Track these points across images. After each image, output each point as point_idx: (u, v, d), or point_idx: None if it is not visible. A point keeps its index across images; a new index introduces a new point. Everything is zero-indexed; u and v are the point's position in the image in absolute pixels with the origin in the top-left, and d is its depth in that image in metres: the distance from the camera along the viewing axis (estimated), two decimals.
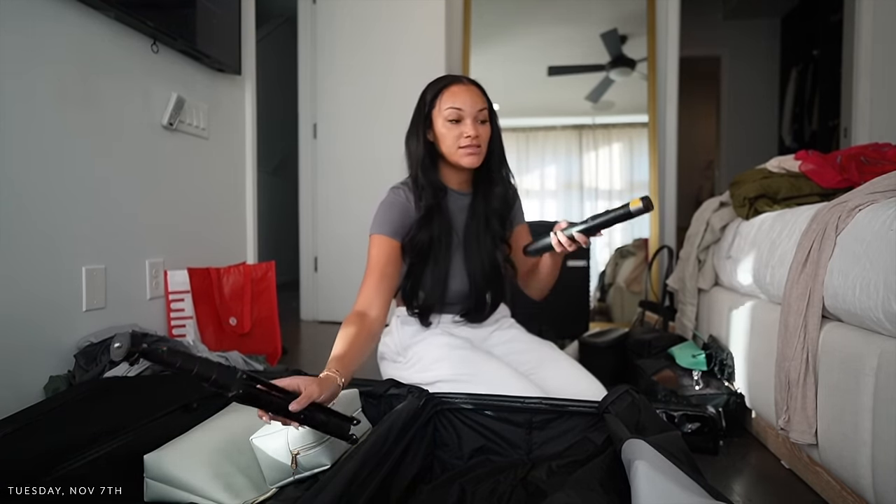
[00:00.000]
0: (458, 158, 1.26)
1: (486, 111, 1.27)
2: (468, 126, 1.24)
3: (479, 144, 1.25)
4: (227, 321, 1.96)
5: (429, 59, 2.97)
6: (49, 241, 1.43)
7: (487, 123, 1.28)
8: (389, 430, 0.90)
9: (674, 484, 0.64)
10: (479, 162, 1.28)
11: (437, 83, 1.28)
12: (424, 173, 1.29)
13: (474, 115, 1.25)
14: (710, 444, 1.33)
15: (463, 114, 1.24)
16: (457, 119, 1.24)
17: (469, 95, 1.25)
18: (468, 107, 1.24)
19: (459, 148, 1.25)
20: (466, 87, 1.26)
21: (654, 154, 3.11)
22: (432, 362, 1.26)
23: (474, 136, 1.24)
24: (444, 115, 1.24)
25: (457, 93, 1.24)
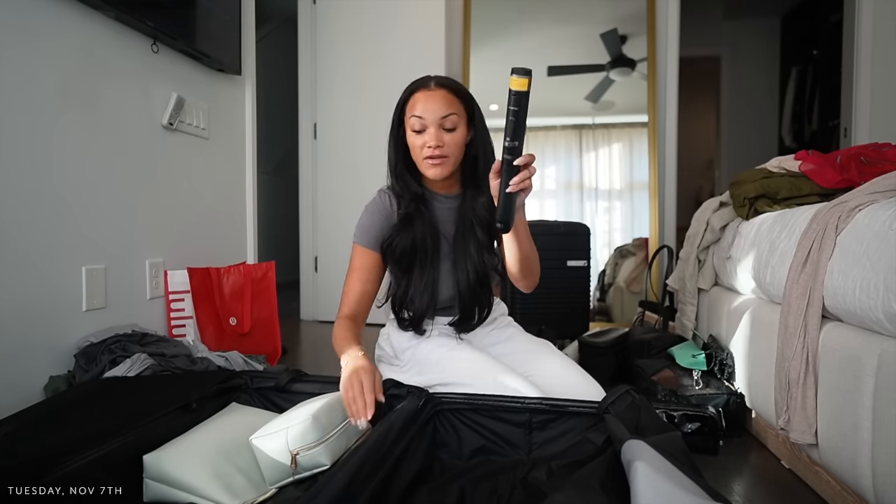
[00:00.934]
0: (423, 170, 1.22)
1: (455, 116, 1.19)
2: (431, 135, 1.17)
3: (442, 154, 1.18)
4: (227, 321, 1.96)
5: (429, 59, 2.97)
6: (49, 241, 1.43)
7: (458, 129, 1.20)
8: (389, 430, 0.90)
9: (673, 484, 0.64)
10: (446, 172, 1.21)
11: (407, 88, 1.23)
12: (399, 179, 1.27)
13: (437, 123, 1.17)
14: (710, 444, 1.33)
15: (425, 122, 1.18)
16: (420, 129, 1.19)
17: (432, 102, 1.17)
18: (430, 114, 1.17)
19: (424, 158, 1.20)
20: (431, 92, 1.19)
21: (653, 154, 3.11)
22: (429, 365, 1.25)
23: (435, 146, 1.17)
24: (409, 125, 1.20)
25: (419, 100, 1.18)
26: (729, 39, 4.92)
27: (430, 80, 1.22)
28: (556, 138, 3.29)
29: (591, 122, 3.24)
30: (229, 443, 0.97)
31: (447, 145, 1.19)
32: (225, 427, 1.02)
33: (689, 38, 3.56)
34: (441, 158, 1.19)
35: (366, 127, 3.05)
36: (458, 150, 1.22)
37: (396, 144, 1.26)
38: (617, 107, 3.20)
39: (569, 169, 3.27)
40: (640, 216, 3.16)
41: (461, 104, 1.22)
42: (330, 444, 0.94)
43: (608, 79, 3.18)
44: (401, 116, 1.24)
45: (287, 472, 0.92)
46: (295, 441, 0.91)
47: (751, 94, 4.90)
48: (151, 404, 1.05)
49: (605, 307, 3.17)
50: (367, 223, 1.27)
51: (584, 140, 3.24)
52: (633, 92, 3.16)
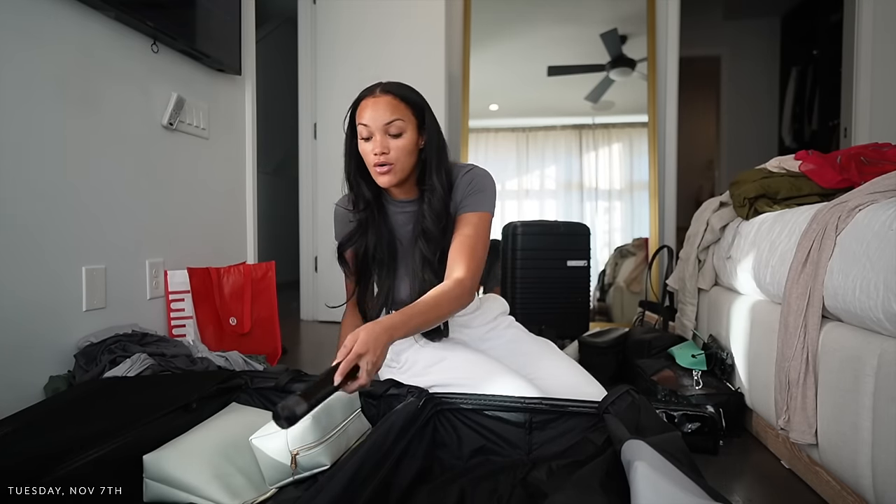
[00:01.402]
0: (374, 178, 1.23)
1: (400, 122, 1.18)
2: (376, 142, 1.18)
3: (388, 161, 1.19)
4: (227, 321, 1.96)
5: (429, 59, 2.98)
6: (49, 241, 1.43)
7: (406, 135, 1.20)
8: (389, 430, 0.90)
9: (673, 485, 0.64)
10: (395, 180, 1.21)
11: (357, 97, 1.23)
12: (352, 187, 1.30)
13: (382, 129, 1.18)
14: (710, 443, 1.33)
15: (371, 129, 1.18)
16: (367, 136, 1.20)
17: (375, 109, 1.17)
18: (374, 121, 1.17)
19: (373, 166, 1.21)
20: (376, 99, 1.19)
21: (653, 154, 3.11)
22: (426, 367, 1.25)
23: (379, 153, 1.18)
24: (358, 132, 1.21)
25: (365, 107, 1.19)
26: (729, 39, 4.92)
27: (376, 87, 1.21)
28: (556, 138, 3.29)
29: (591, 122, 3.24)
30: (229, 443, 0.97)
31: (393, 151, 1.18)
32: (225, 427, 1.02)
33: (689, 38, 3.56)
34: (388, 166, 1.19)
35: None
36: (406, 156, 1.21)
37: (350, 153, 1.27)
38: (617, 107, 3.20)
39: (569, 169, 3.27)
40: (640, 216, 3.16)
41: (408, 109, 1.20)
42: (330, 444, 0.94)
43: (608, 79, 3.18)
44: (352, 125, 1.24)
45: (287, 472, 0.92)
46: (295, 441, 0.91)
47: (751, 94, 4.90)
48: (151, 404, 1.05)
49: (605, 307, 3.17)
50: (335, 225, 1.37)
51: (584, 140, 3.25)
52: (633, 92, 3.16)
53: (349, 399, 1.04)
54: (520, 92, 3.31)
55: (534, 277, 2.30)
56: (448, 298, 1.13)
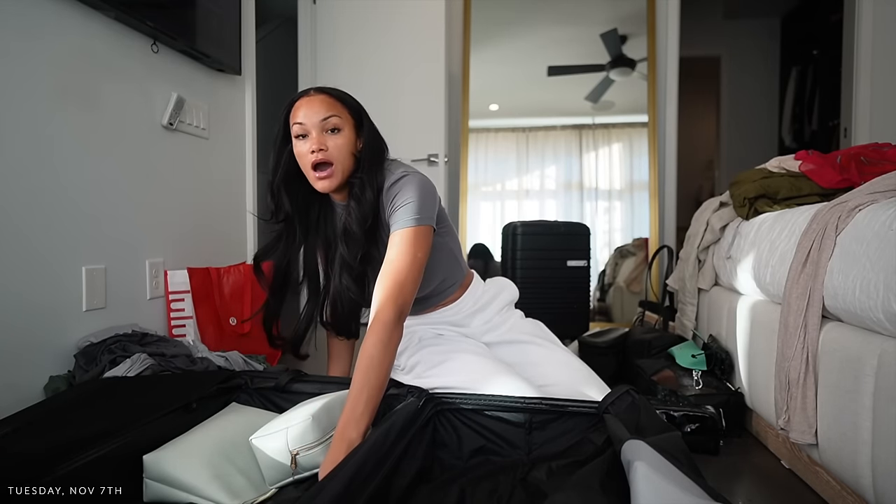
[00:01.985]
0: (312, 183, 1.17)
1: (336, 118, 1.15)
2: (313, 139, 1.14)
3: (327, 159, 1.14)
4: (227, 321, 1.96)
5: (429, 59, 2.97)
6: (49, 241, 1.43)
7: (342, 132, 1.16)
8: (389, 430, 0.90)
9: (673, 485, 0.64)
10: (335, 184, 1.16)
11: (288, 101, 1.20)
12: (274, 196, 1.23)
13: (319, 126, 1.14)
14: (710, 443, 1.33)
15: (306, 127, 1.14)
16: (303, 134, 1.15)
17: (310, 107, 1.14)
18: (309, 118, 1.14)
19: (311, 168, 1.15)
20: (310, 98, 1.16)
21: (653, 154, 3.11)
22: (428, 369, 1.24)
23: (317, 149, 1.13)
24: (293, 132, 1.16)
25: (299, 107, 1.16)
26: (729, 39, 4.92)
27: (310, 89, 1.19)
28: (556, 138, 3.29)
29: (591, 122, 3.24)
30: (229, 443, 0.97)
31: (332, 149, 1.15)
32: (225, 427, 1.02)
33: (689, 38, 3.57)
34: (328, 168, 1.15)
35: None
36: (345, 157, 1.17)
37: (279, 160, 1.21)
38: (617, 107, 3.20)
39: (569, 169, 3.27)
40: (640, 216, 3.16)
41: (345, 108, 1.18)
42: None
43: (608, 79, 3.18)
44: (286, 130, 1.20)
45: (287, 472, 0.92)
46: (295, 441, 0.91)
47: (751, 94, 4.90)
48: (151, 404, 1.05)
49: (605, 307, 3.17)
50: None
51: (584, 140, 3.25)
52: (633, 92, 3.16)
53: None
54: (520, 92, 3.31)
55: (534, 277, 2.30)
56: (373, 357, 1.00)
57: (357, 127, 1.20)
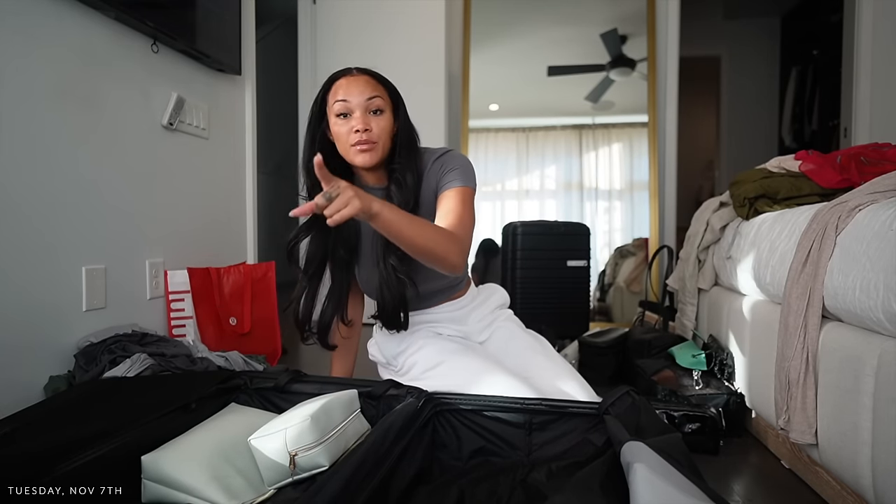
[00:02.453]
0: (351, 157, 1.16)
1: (380, 99, 1.16)
2: (357, 118, 1.13)
3: (370, 140, 1.14)
4: (227, 321, 1.96)
5: (429, 59, 2.98)
6: (49, 241, 1.43)
7: (384, 113, 1.17)
8: (388, 430, 0.90)
9: (673, 487, 0.64)
10: (375, 160, 1.16)
11: (328, 80, 1.19)
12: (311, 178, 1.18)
13: (364, 106, 1.14)
14: (711, 444, 1.33)
15: (350, 105, 1.14)
16: (345, 112, 1.14)
17: (356, 85, 1.15)
18: (354, 97, 1.13)
19: (351, 145, 1.14)
20: (354, 77, 1.17)
21: (654, 154, 3.11)
22: (425, 371, 1.24)
23: (363, 129, 1.13)
24: (334, 111, 1.15)
25: (342, 85, 1.15)
26: (729, 39, 4.92)
27: (352, 68, 1.20)
28: (556, 138, 3.29)
29: (591, 122, 3.24)
30: (228, 443, 0.97)
31: (375, 129, 1.15)
32: (224, 428, 1.02)
33: (689, 38, 3.56)
34: (370, 144, 1.14)
35: None
36: (387, 138, 1.17)
37: (313, 140, 1.20)
38: (617, 107, 3.20)
39: (569, 169, 3.27)
40: (640, 216, 3.16)
41: (385, 91, 1.19)
42: (329, 445, 0.93)
43: (608, 79, 3.18)
44: (322, 108, 1.19)
45: (286, 473, 0.92)
46: (294, 442, 0.90)
47: (751, 94, 4.90)
48: (151, 405, 1.05)
49: (605, 307, 3.17)
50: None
51: (584, 140, 3.25)
52: (633, 92, 3.16)
53: (348, 399, 1.04)
54: (520, 92, 3.31)
55: (534, 277, 2.30)
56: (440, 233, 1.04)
57: (395, 110, 1.21)
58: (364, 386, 1.13)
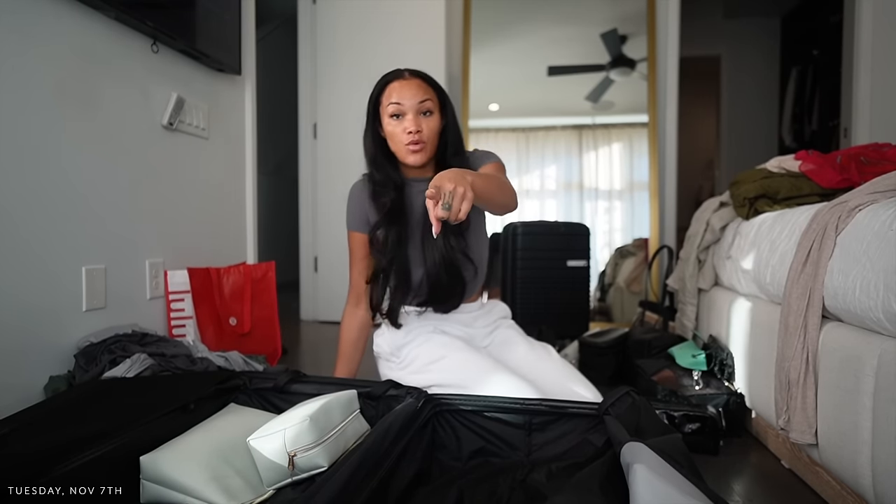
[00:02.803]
0: (403, 156, 1.26)
1: (430, 102, 1.25)
2: (410, 120, 1.22)
3: (421, 140, 1.23)
4: (227, 321, 1.96)
5: (429, 59, 2.97)
6: (49, 241, 1.43)
7: (433, 115, 1.26)
8: (387, 431, 0.90)
9: (673, 488, 0.64)
10: (425, 159, 1.26)
11: (381, 80, 1.28)
12: (378, 169, 1.31)
13: (415, 108, 1.23)
14: (711, 444, 1.33)
15: (403, 108, 1.23)
16: (398, 114, 1.23)
17: (408, 88, 1.23)
18: (407, 100, 1.22)
19: (405, 145, 1.24)
20: (407, 80, 1.25)
21: (654, 154, 3.11)
22: (427, 364, 1.25)
23: (415, 131, 1.22)
24: (387, 112, 1.24)
25: (395, 88, 1.24)
26: (729, 39, 4.92)
27: (403, 70, 1.28)
28: (556, 138, 3.29)
29: (591, 122, 3.24)
30: (227, 444, 0.97)
31: (426, 130, 1.24)
32: (223, 428, 1.02)
33: (689, 38, 3.56)
34: (421, 144, 1.23)
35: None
36: (435, 137, 1.27)
37: (374, 137, 1.30)
38: (617, 107, 3.20)
39: (569, 169, 3.27)
40: (640, 216, 3.16)
41: (434, 92, 1.27)
42: (328, 446, 0.93)
43: (608, 79, 3.18)
44: (376, 108, 1.28)
45: (284, 474, 0.92)
46: (292, 442, 0.90)
47: (751, 94, 4.90)
48: (150, 405, 1.05)
49: (605, 307, 3.17)
50: (349, 210, 1.37)
51: (584, 140, 3.25)
52: (633, 92, 3.16)
53: (347, 400, 1.04)
54: (520, 92, 3.31)
55: (534, 277, 2.30)
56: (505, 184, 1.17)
57: (442, 110, 1.29)
58: (363, 386, 1.13)
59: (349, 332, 1.40)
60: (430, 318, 1.36)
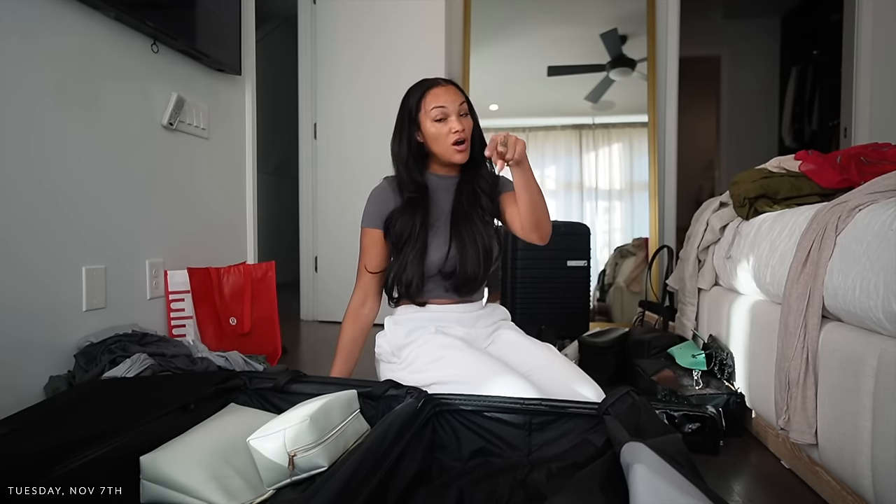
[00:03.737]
0: (450, 156, 1.35)
1: (465, 104, 1.37)
2: (454, 122, 1.33)
3: (465, 138, 1.35)
4: (227, 321, 1.96)
5: (429, 59, 2.97)
6: (49, 241, 1.43)
7: (468, 116, 1.37)
8: (387, 431, 0.90)
9: (673, 488, 0.64)
10: (468, 156, 1.37)
11: (420, 87, 1.37)
12: (409, 172, 1.38)
13: (457, 111, 1.34)
14: (711, 444, 1.33)
15: (447, 111, 1.33)
16: (442, 117, 1.33)
17: (449, 94, 1.35)
18: (450, 104, 1.33)
19: (451, 145, 1.34)
20: (445, 87, 1.36)
21: (653, 154, 3.11)
22: (427, 363, 1.26)
23: (461, 130, 1.33)
24: (431, 116, 1.34)
25: (438, 94, 1.34)
26: (729, 39, 4.92)
27: (437, 78, 1.38)
28: (556, 138, 3.29)
29: (591, 122, 3.24)
30: (227, 444, 0.96)
31: (467, 129, 1.36)
32: (223, 428, 1.02)
33: (689, 38, 3.56)
34: (465, 143, 1.35)
35: (366, 127, 3.05)
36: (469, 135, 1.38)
37: (409, 142, 1.37)
38: (617, 107, 3.20)
39: (569, 169, 3.27)
40: (640, 216, 3.16)
41: (464, 97, 1.39)
42: (328, 446, 0.93)
43: (608, 79, 3.18)
44: (412, 115, 1.36)
45: (284, 474, 0.92)
46: (292, 442, 0.90)
47: (751, 93, 4.89)
48: (150, 405, 1.05)
49: (605, 307, 3.17)
50: (369, 208, 1.41)
51: (584, 140, 3.24)
52: (633, 92, 3.16)
53: (347, 400, 1.04)
54: (520, 92, 3.31)
55: (534, 277, 2.30)
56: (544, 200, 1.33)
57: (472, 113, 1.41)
58: (363, 386, 1.13)
59: (351, 330, 1.41)
60: (431, 318, 1.37)
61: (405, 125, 1.38)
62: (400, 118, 1.39)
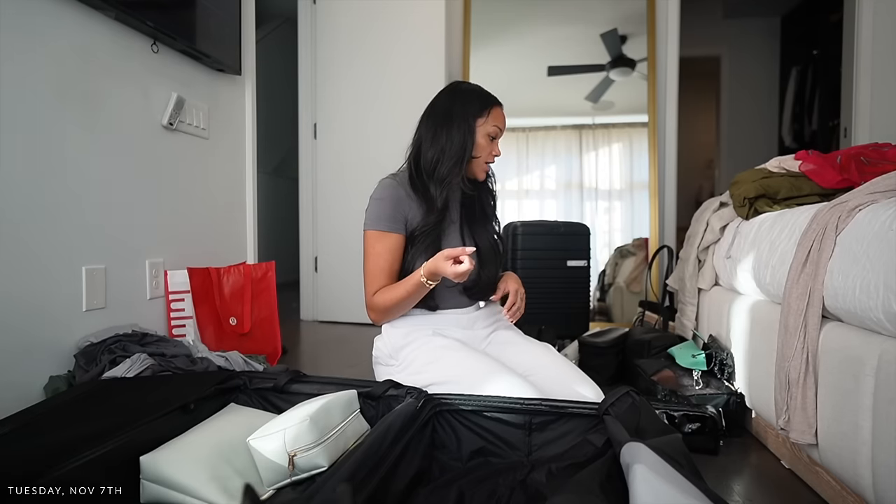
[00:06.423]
0: (478, 173, 1.38)
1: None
2: (497, 145, 1.38)
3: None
4: (227, 321, 1.96)
5: (429, 59, 2.97)
6: (49, 241, 1.43)
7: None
8: (387, 431, 0.90)
9: (673, 488, 0.64)
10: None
11: (483, 99, 1.35)
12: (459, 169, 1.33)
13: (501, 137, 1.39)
14: (711, 444, 1.33)
15: (500, 133, 1.38)
16: (494, 136, 1.37)
17: (503, 120, 1.38)
18: (502, 128, 1.38)
19: (485, 163, 1.37)
20: (501, 109, 1.39)
21: (653, 154, 3.11)
22: (425, 364, 1.25)
23: (496, 154, 1.38)
24: (487, 132, 1.35)
25: (499, 115, 1.37)
26: (729, 39, 4.92)
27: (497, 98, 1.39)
28: (556, 138, 3.29)
29: (591, 122, 3.24)
30: (227, 444, 0.97)
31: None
32: (223, 428, 1.02)
33: (689, 38, 3.56)
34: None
35: (366, 127, 3.05)
36: None
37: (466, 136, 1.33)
38: (617, 107, 3.20)
39: (569, 169, 3.27)
40: (640, 216, 3.16)
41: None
42: (328, 446, 0.93)
43: (608, 79, 3.18)
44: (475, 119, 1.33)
45: (284, 474, 0.92)
46: (292, 442, 0.90)
47: (751, 94, 4.90)
48: (150, 405, 1.05)
49: (605, 307, 3.17)
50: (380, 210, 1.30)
51: (584, 140, 3.24)
52: (633, 92, 3.16)
53: (347, 400, 1.04)
54: (520, 92, 3.30)
55: (534, 277, 2.30)
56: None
57: None
58: (363, 386, 1.13)
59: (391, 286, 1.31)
60: (429, 321, 1.36)
61: (463, 123, 1.31)
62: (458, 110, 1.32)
